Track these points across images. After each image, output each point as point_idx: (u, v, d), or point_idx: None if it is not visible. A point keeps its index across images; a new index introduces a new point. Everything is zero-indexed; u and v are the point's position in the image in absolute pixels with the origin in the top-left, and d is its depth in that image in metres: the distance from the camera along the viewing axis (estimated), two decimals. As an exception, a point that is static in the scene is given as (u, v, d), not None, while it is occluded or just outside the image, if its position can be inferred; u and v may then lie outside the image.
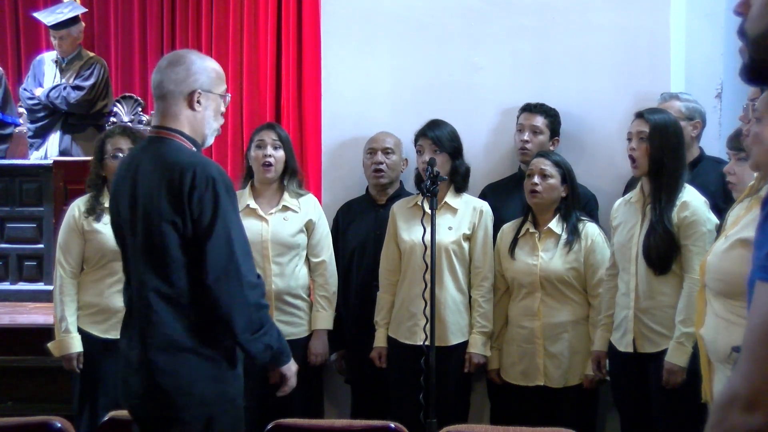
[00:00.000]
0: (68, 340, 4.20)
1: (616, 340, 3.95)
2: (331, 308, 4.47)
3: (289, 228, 4.39)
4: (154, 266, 2.87)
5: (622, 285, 3.93)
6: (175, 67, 2.96)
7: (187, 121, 2.95)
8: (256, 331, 2.90)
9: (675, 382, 3.73)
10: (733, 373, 1.27)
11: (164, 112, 2.96)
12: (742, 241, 2.85)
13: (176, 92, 2.94)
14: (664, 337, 3.80)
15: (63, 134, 6.61)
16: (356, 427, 3.44)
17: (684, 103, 4.28)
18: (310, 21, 6.83)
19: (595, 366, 4.07)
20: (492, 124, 4.71)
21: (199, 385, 2.88)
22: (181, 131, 2.94)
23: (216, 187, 2.82)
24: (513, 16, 4.69)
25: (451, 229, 4.27)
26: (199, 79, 2.95)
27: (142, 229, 2.88)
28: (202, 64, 2.99)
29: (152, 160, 2.91)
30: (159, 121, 2.99)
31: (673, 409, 3.79)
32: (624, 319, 3.90)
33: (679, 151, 3.84)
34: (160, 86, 2.95)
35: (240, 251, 2.87)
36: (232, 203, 2.91)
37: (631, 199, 3.96)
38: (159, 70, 2.99)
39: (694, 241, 3.75)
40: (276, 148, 4.40)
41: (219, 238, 2.82)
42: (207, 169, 2.85)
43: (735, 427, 1.21)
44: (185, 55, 3.05)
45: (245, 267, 2.88)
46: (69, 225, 4.25)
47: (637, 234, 3.86)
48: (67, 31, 6.64)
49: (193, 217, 2.82)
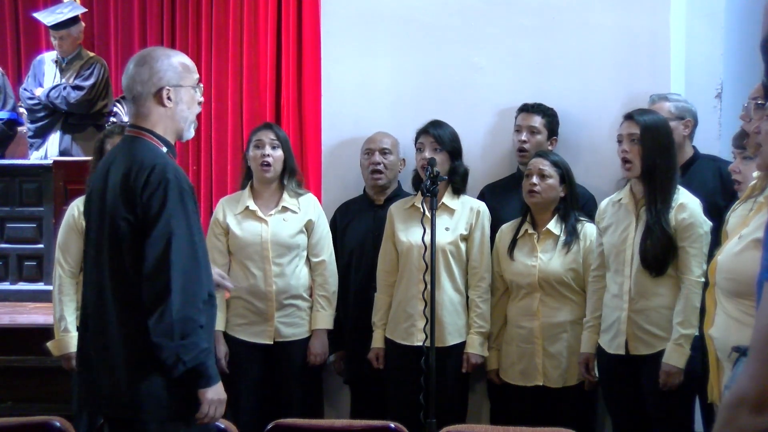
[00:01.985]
0: (67, 339, 4.20)
1: (605, 342, 3.94)
2: (331, 308, 4.46)
3: (289, 229, 4.39)
4: (111, 266, 2.88)
5: (614, 287, 3.91)
6: (140, 68, 2.99)
7: (160, 120, 2.98)
8: (171, 337, 2.76)
9: (672, 384, 3.73)
10: (741, 374, 1.27)
11: (136, 113, 3.00)
12: (757, 241, 2.85)
13: (144, 93, 2.97)
14: (659, 338, 3.80)
15: (63, 134, 6.61)
16: (356, 427, 3.44)
17: (673, 104, 4.27)
18: (310, 21, 6.82)
19: (583, 368, 4.06)
20: (491, 124, 4.71)
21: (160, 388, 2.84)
22: (152, 131, 2.97)
23: (168, 188, 2.81)
24: (513, 16, 4.69)
25: (449, 229, 4.27)
26: (164, 77, 2.97)
27: (106, 226, 2.90)
28: (166, 60, 3.00)
29: (122, 159, 2.94)
30: (133, 122, 3.03)
31: (668, 410, 3.79)
32: (616, 321, 3.88)
33: (670, 151, 3.85)
34: (129, 89, 3.00)
35: (180, 255, 2.79)
36: (184, 207, 2.84)
37: (620, 201, 3.95)
38: (126, 73, 3.02)
39: (692, 243, 3.76)
40: (274, 148, 4.40)
41: (158, 236, 2.79)
42: (164, 169, 2.85)
43: (743, 428, 1.21)
44: (149, 54, 3.05)
45: (187, 273, 2.80)
46: (68, 224, 4.25)
47: (631, 236, 3.85)
48: (67, 31, 6.64)
49: (141, 215, 2.82)
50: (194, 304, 2.80)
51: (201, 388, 2.84)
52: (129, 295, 2.85)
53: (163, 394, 2.84)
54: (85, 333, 3.01)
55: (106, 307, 2.89)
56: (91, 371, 2.96)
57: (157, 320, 2.76)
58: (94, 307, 2.95)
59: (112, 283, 2.88)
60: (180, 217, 2.82)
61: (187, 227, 2.83)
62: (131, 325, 2.85)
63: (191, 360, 2.79)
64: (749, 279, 2.83)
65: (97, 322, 2.93)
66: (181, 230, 2.81)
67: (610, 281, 3.95)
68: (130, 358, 2.86)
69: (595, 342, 4.02)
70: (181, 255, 2.79)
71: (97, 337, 2.93)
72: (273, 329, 4.37)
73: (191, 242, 2.84)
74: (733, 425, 1.22)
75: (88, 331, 2.98)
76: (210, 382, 2.86)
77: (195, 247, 2.85)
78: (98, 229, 2.95)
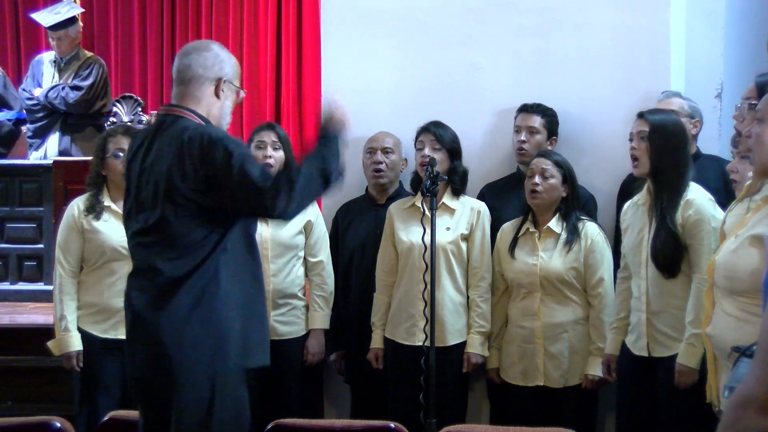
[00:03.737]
0: (68, 338, 4.20)
1: (630, 342, 3.90)
2: (328, 308, 4.47)
3: (289, 229, 4.40)
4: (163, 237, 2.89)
5: (635, 289, 3.88)
6: (204, 52, 3.00)
7: (208, 107, 3.00)
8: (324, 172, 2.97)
9: (686, 384, 3.66)
10: (747, 374, 1.28)
11: (185, 94, 2.99)
12: (752, 238, 2.86)
13: (204, 77, 2.98)
14: (675, 340, 3.73)
15: (62, 134, 6.60)
16: (356, 427, 3.44)
17: (686, 102, 4.30)
18: (310, 21, 6.83)
19: (605, 369, 4.03)
20: (491, 124, 4.72)
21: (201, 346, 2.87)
22: (196, 111, 2.97)
23: (225, 143, 2.85)
24: (513, 16, 4.69)
25: (449, 229, 4.28)
26: (224, 68, 3.01)
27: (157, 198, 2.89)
28: (227, 54, 3.06)
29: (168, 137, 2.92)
30: (177, 101, 3.00)
31: (683, 411, 3.74)
32: (637, 323, 3.85)
33: (680, 150, 3.80)
34: (188, 70, 2.98)
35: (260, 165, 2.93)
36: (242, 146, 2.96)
37: (638, 202, 3.93)
38: (186, 54, 3.01)
39: (700, 240, 3.70)
40: (276, 149, 4.41)
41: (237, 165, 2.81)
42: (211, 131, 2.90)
43: (749, 429, 1.22)
44: (212, 43, 3.12)
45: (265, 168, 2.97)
46: (68, 224, 4.25)
47: (646, 237, 3.82)
48: (65, 31, 6.63)
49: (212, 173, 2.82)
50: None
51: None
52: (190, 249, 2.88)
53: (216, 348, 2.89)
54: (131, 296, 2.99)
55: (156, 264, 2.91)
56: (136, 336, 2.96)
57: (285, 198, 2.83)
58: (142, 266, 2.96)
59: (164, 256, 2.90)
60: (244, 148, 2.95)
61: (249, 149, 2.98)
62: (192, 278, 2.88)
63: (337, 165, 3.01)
64: (746, 276, 2.85)
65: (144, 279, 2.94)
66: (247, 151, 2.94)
67: (632, 283, 3.92)
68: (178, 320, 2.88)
69: (619, 343, 3.95)
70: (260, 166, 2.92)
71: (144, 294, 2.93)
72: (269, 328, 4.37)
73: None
74: (739, 426, 1.23)
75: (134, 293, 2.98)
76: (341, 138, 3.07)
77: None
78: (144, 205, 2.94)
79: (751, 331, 2.71)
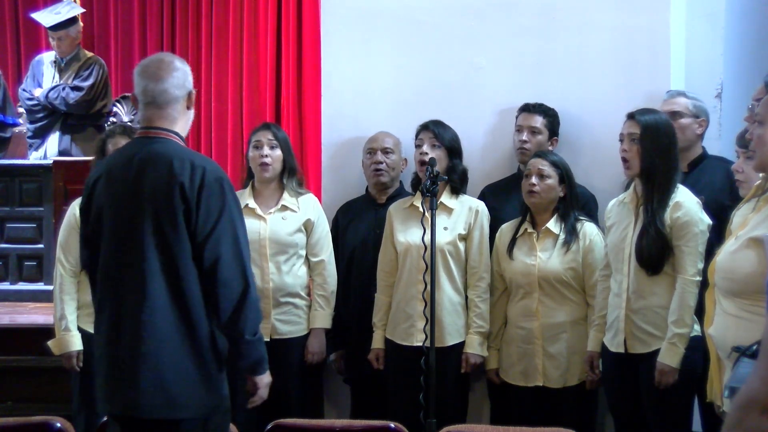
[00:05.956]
0: (68, 338, 4.21)
1: (608, 340, 3.96)
2: (329, 307, 4.47)
3: (287, 227, 4.40)
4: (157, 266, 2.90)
5: (615, 285, 3.93)
6: (174, 72, 3.02)
7: (183, 123, 3.04)
8: (253, 333, 2.94)
9: (667, 383, 3.74)
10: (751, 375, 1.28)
11: (161, 116, 3.01)
12: (749, 241, 2.86)
13: (179, 96, 3.02)
14: (655, 337, 3.81)
15: (62, 134, 6.61)
16: (356, 427, 3.44)
17: (691, 101, 4.29)
18: (310, 21, 6.82)
19: (588, 366, 4.07)
20: (492, 124, 4.72)
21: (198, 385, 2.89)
22: (178, 133, 3.02)
23: (224, 187, 2.91)
24: (513, 16, 4.69)
25: (447, 229, 4.27)
26: (189, 80, 3.05)
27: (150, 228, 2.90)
28: (185, 64, 3.07)
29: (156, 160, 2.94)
30: (157, 123, 3.02)
31: (665, 409, 3.79)
32: (616, 320, 3.90)
33: (670, 152, 3.84)
34: (164, 94, 2.99)
35: (245, 254, 2.93)
36: (237, 203, 2.97)
37: (624, 200, 3.97)
38: (157, 79, 3.00)
39: (687, 242, 3.76)
40: (272, 148, 4.42)
41: (224, 234, 2.88)
42: (217, 169, 2.95)
43: (753, 429, 1.22)
44: (172, 58, 3.11)
45: (251, 272, 2.96)
46: (69, 224, 4.26)
47: (630, 235, 3.87)
48: (66, 31, 6.63)
49: (200, 214, 2.86)
50: (258, 300, 2.96)
51: (260, 375, 3.04)
52: (181, 293, 2.89)
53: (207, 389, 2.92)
54: (117, 337, 2.97)
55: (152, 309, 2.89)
56: (122, 374, 2.94)
57: (241, 318, 2.88)
58: (131, 308, 2.92)
59: (158, 284, 2.89)
60: (237, 214, 2.94)
61: (243, 223, 2.97)
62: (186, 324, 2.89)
63: (263, 351, 3.00)
64: (744, 278, 2.86)
65: (136, 325, 2.91)
66: (240, 227, 2.94)
67: (612, 280, 3.96)
68: (176, 356, 2.89)
69: (600, 340, 4.02)
70: (246, 254, 2.93)
71: (136, 339, 2.91)
72: (270, 326, 4.37)
73: (246, 241, 2.98)
74: (743, 426, 1.23)
75: (122, 334, 2.95)
76: (266, 366, 3.06)
77: (248, 242, 2.99)
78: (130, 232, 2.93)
79: (752, 330, 2.71)
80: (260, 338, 2.98)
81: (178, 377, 2.89)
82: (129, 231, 2.95)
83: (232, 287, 2.88)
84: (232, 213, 2.90)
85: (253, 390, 3.08)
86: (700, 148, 4.32)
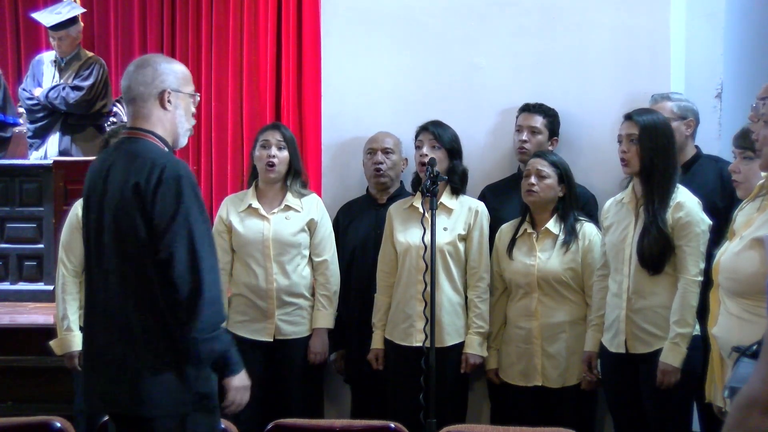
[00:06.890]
0: (70, 338, 4.21)
1: (607, 341, 3.96)
2: (332, 307, 4.47)
3: (291, 227, 4.40)
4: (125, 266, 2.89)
5: (614, 285, 3.93)
6: (143, 69, 3.02)
7: (159, 122, 3.02)
8: (208, 331, 2.84)
9: (669, 383, 3.74)
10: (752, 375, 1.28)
11: (136, 115, 3.01)
12: (752, 241, 2.87)
13: (146, 93, 3.00)
14: (657, 337, 3.82)
15: (62, 134, 6.61)
16: (356, 427, 3.44)
17: (675, 103, 4.27)
18: (310, 21, 6.83)
19: (586, 367, 4.07)
20: (492, 124, 4.72)
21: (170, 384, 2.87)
22: (153, 131, 2.99)
23: (181, 184, 2.84)
24: (513, 16, 4.69)
25: (447, 229, 4.27)
26: (166, 80, 3.01)
27: (116, 227, 2.90)
28: (168, 65, 3.06)
29: (126, 160, 2.95)
30: (131, 124, 3.04)
31: (666, 409, 3.80)
32: (615, 320, 3.90)
33: (669, 151, 3.85)
34: (130, 90, 3.01)
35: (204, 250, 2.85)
36: (198, 202, 2.90)
37: (622, 200, 3.97)
38: (127, 74, 3.04)
39: (688, 242, 3.77)
40: (280, 149, 4.42)
41: (180, 232, 2.82)
42: (177, 166, 2.89)
43: (754, 429, 1.22)
44: (151, 57, 3.12)
45: (212, 267, 2.88)
46: (71, 224, 4.26)
47: (630, 235, 3.87)
48: (66, 31, 6.64)
49: (159, 212, 2.83)
50: (220, 297, 2.91)
51: (228, 377, 2.95)
52: (145, 292, 2.86)
53: (178, 388, 2.86)
54: (93, 334, 3.00)
55: (120, 306, 2.89)
56: (99, 371, 2.96)
57: (192, 316, 2.80)
58: (102, 307, 2.95)
59: (125, 283, 2.89)
60: (197, 212, 2.87)
61: (204, 222, 2.90)
62: (149, 321, 2.86)
63: (222, 351, 2.90)
64: (747, 278, 2.86)
65: (107, 321, 2.93)
66: (199, 225, 2.86)
67: (611, 280, 3.96)
68: (147, 355, 2.87)
69: (597, 341, 4.02)
70: (205, 250, 2.85)
71: (109, 336, 2.92)
72: (273, 326, 4.37)
73: (210, 236, 2.92)
74: (744, 426, 1.23)
75: (96, 331, 2.98)
76: (237, 369, 2.97)
77: (212, 241, 2.94)
78: (100, 231, 2.95)
79: (755, 331, 2.72)
80: (217, 337, 2.88)
81: (148, 375, 2.86)
82: (97, 232, 2.97)
83: (179, 286, 2.81)
84: (188, 211, 2.83)
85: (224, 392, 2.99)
86: (692, 148, 4.31)
